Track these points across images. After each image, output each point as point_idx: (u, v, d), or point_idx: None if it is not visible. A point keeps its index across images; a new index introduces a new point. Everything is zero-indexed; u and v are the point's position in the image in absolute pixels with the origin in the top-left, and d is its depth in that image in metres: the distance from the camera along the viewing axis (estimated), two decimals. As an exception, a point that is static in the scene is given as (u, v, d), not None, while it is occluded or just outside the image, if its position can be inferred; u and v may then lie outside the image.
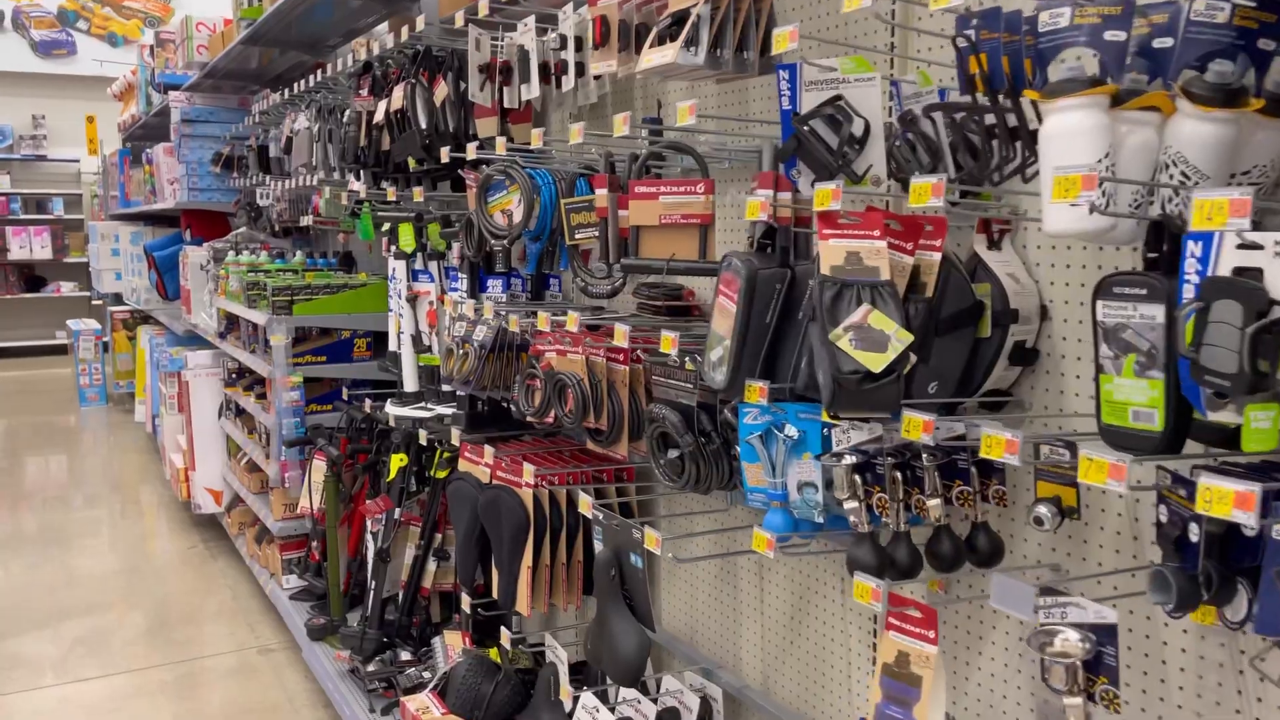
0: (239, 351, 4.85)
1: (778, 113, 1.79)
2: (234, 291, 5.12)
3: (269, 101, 5.37)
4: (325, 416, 4.37)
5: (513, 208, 2.82)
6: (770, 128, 2.29)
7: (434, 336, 3.45)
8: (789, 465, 1.79)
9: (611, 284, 2.69)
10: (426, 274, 3.44)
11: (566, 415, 2.48)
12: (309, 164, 4.74)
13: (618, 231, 2.23)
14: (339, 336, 4.38)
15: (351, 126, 3.72)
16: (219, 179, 6.80)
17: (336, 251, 5.55)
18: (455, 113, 3.25)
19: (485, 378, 2.85)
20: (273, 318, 4.22)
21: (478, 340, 2.88)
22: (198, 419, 5.55)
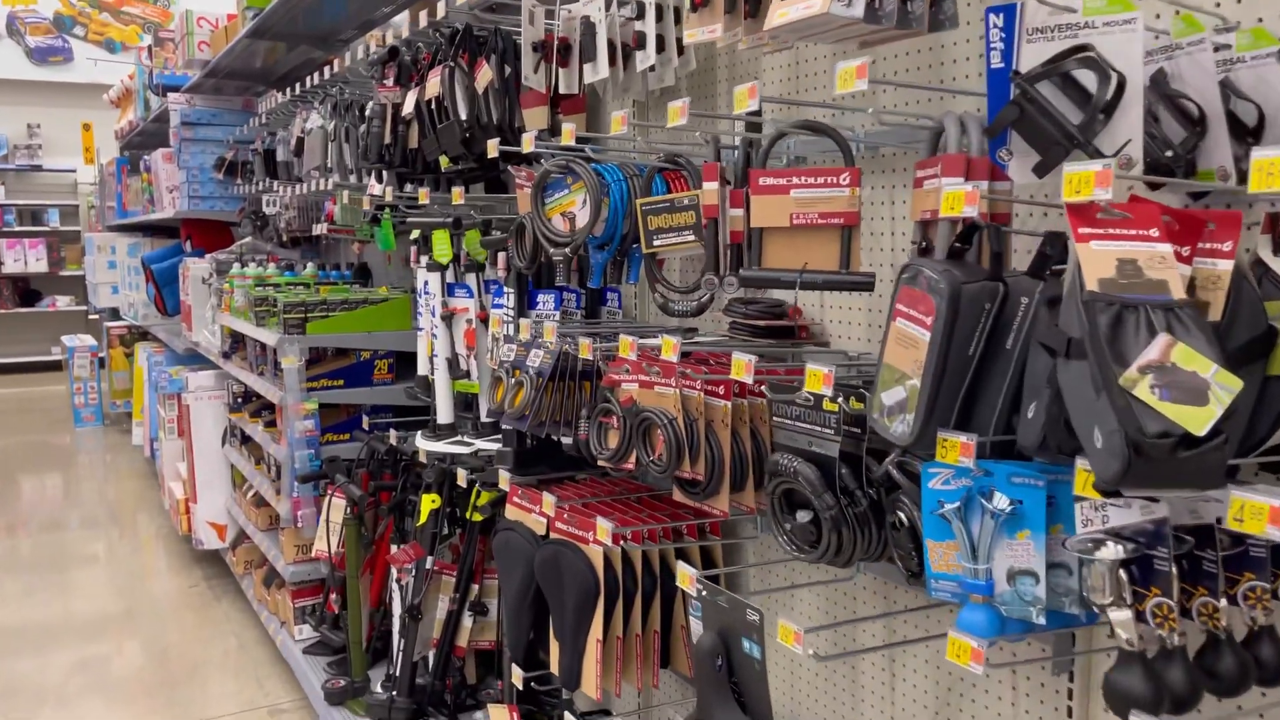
0: (245, 374, 4.39)
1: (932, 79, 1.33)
2: (239, 307, 4.67)
3: (276, 100, 4.93)
4: (343, 447, 3.91)
5: (575, 210, 2.37)
6: (916, 103, 1.84)
7: (473, 360, 2.99)
8: (996, 546, 1.34)
9: (698, 299, 2.24)
10: (464, 288, 2.99)
11: (654, 462, 2.02)
12: (323, 166, 4.30)
13: (728, 235, 1.78)
14: (358, 358, 3.92)
15: (375, 121, 3.28)
16: (222, 186, 6.35)
17: (351, 263, 5.10)
18: (500, 101, 2.81)
19: (543, 412, 2.40)
20: (284, 337, 3.77)
21: (533, 367, 2.43)
22: (200, 446, 5.09)
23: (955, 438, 1.31)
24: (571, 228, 2.37)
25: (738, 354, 1.65)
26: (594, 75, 2.39)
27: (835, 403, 1.63)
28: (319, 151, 4.28)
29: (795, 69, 2.19)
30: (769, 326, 2.12)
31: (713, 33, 1.88)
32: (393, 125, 3.27)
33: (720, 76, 2.46)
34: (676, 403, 1.96)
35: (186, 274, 5.67)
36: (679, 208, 2.22)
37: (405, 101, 3.07)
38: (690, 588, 1.86)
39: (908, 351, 1.35)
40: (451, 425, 3.06)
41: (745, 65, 2.37)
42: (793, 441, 1.73)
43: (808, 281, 1.64)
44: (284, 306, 3.78)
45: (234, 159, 6.20)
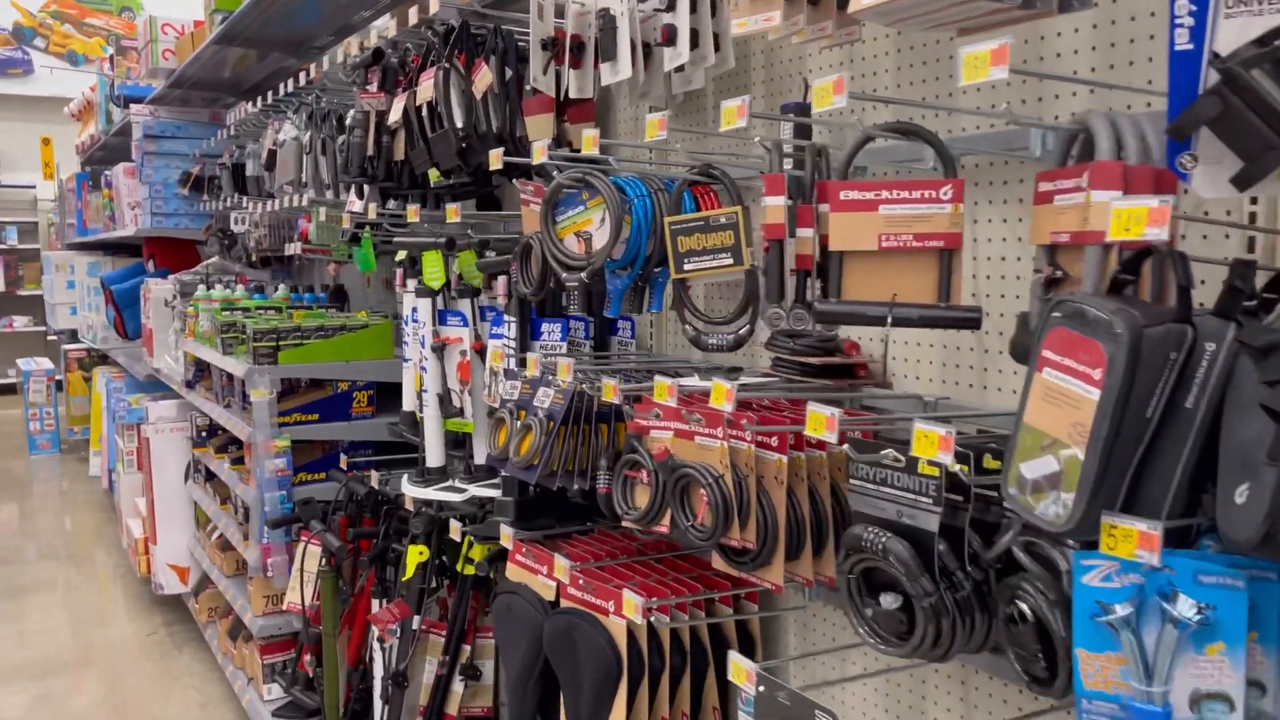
0: (210, 405, 4.04)
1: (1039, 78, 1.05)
2: (204, 333, 4.32)
3: (245, 111, 4.60)
4: (318, 488, 3.57)
5: (592, 229, 2.06)
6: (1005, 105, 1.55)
7: (467, 396, 2.68)
8: (1179, 663, 1.04)
9: (735, 332, 1.94)
10: (458, 316, 2.67)
11: (695, 527, 1.71)
12: (296, 181, 3.97)
13: (791, 259, 1.48)
14: (334, 389, 3.59)
15: (357, 131, 2.96)
16: (187, 202, 6.00)
17: (326, 285, 4.77)
18: (500, 108, 2.50)
19: (554, 460, 2.08)
20: (253, 367, 3.43)
21: (542, 409, 2.12)
22: (160, 482, 4.72)
23: (1131, 525, 1.01)
24: (587, 249, 2.07)
25: (816, 406, 1.35)
26: (613, 76, 2.09)
27: (935, 466, 1.33)
28: (292, 164, 3.96)
29: (851, 67, 1.90)
30: (823, 365, 1.83)
31: (769, 21, 1.59)
32: (376, 135, 2.96)
33: (755, 79, 2.17)
34: (724, 457, 1.65)
35: (148, 295, 5.31)
36: (715, 227, 1.93)
37: (391, 108, 2.76)
38: (747, 685, 1.55)
39: (1062, 412, 1.06)
40: (442, 469, 2.74)
41: (785, 65, 2.09)
42: (877, 510, 1.43)
43: (900, 317, 1.35)
44: (253, 334, 3.44)
45: (200, 174, 5.85)
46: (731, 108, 1.50)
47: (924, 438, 1.20)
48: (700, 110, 2.35)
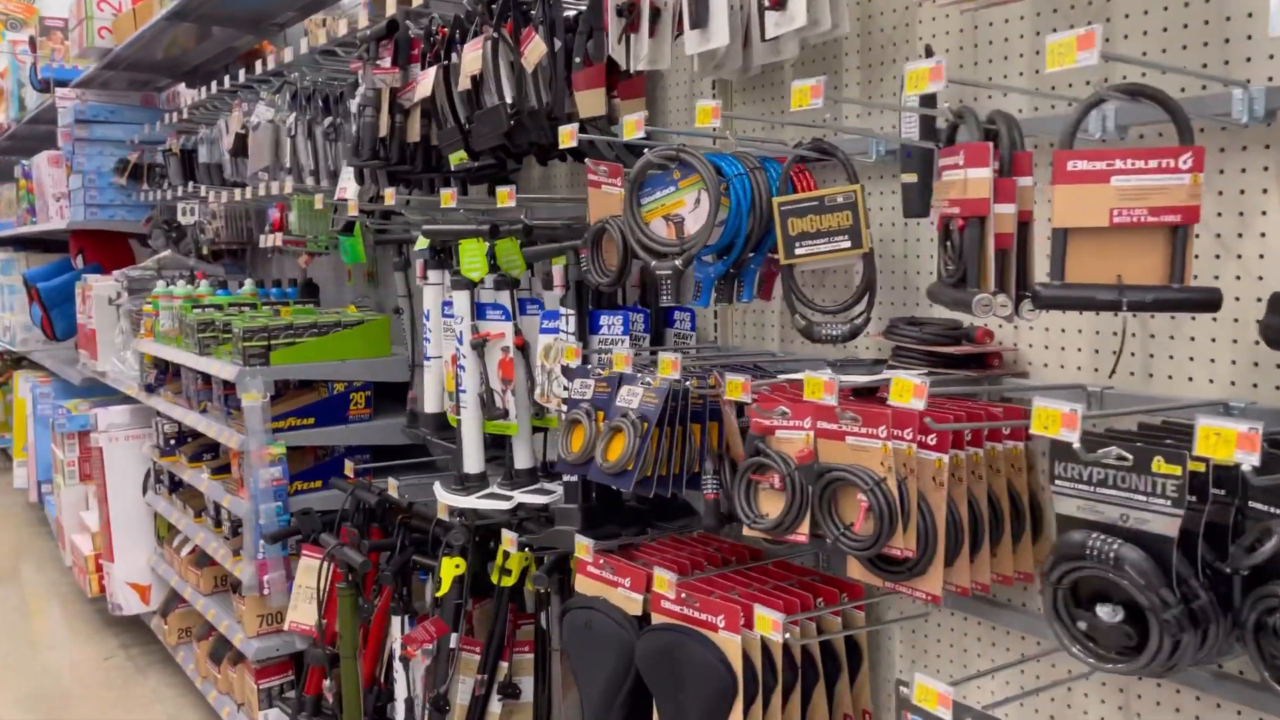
0: (182, 411, 3.74)
1: None
2: (167, 332, 4.00)
3: (203, 92, 4.27)
4: (315, 497, 3.32)
5: (684, 212, 1.90)
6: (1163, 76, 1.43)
7: (510, 396, 2.48)
8: None
9: (851, 321, 1.80)
10: (499, 309, 2.47)
11: (847, 535, 1.56)
12: (273, 167, 3.69)
13: (992, 239, 1.34)
14: (330, 391, 3.33)
15: (369, 110, 2.72)
16: (124, 192, 5.60)
17: (294, 279, 4.47)
18: (549, 82, 2.31)
19: (649, 465, 1.91)
20: (245, 369, 3.16)
21: (632, 409, 1.94)
22: (116, 495, 4.38)
23: None
24: (679, 234, 1.90)
25: (1045, 401, 1.21)
26: (703, 44, 1.92)
27: (1176, 465, 1.21)
28: (268, 149, 3.68)
29: (976, 34, 1.76)
30: (951, 355, 1.69)
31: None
32: (390, 115, 2.73)
33: (849, 48, 2.01)
34: (885, 459, 1.50)
35: (87, 294, 4.92)
36: (831, 207, 1.78)
37: (418, 84, 2.53)
38: (941, 710, 1.40)
39: None
40: (482, 475, 2.53)
41: (886, 33, 1.94)
42: (1095, 514, 1.30)
43: (1135, 301, 1.22)
44: (243, 333, 3.16)
45: (139, 161, 5.47)
46: (922, 70, 1.34)
47: (1214, 435, 1.07)
48: (770, 86, 2.19)
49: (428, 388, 2.79)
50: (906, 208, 1.79)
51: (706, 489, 1.88)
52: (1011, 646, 1.80)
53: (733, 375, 1.70)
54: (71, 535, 5.01)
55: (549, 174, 2.94)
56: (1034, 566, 1.67)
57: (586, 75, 2.33)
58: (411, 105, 2.76)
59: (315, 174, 3.49)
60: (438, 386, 2.78)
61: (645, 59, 2.04)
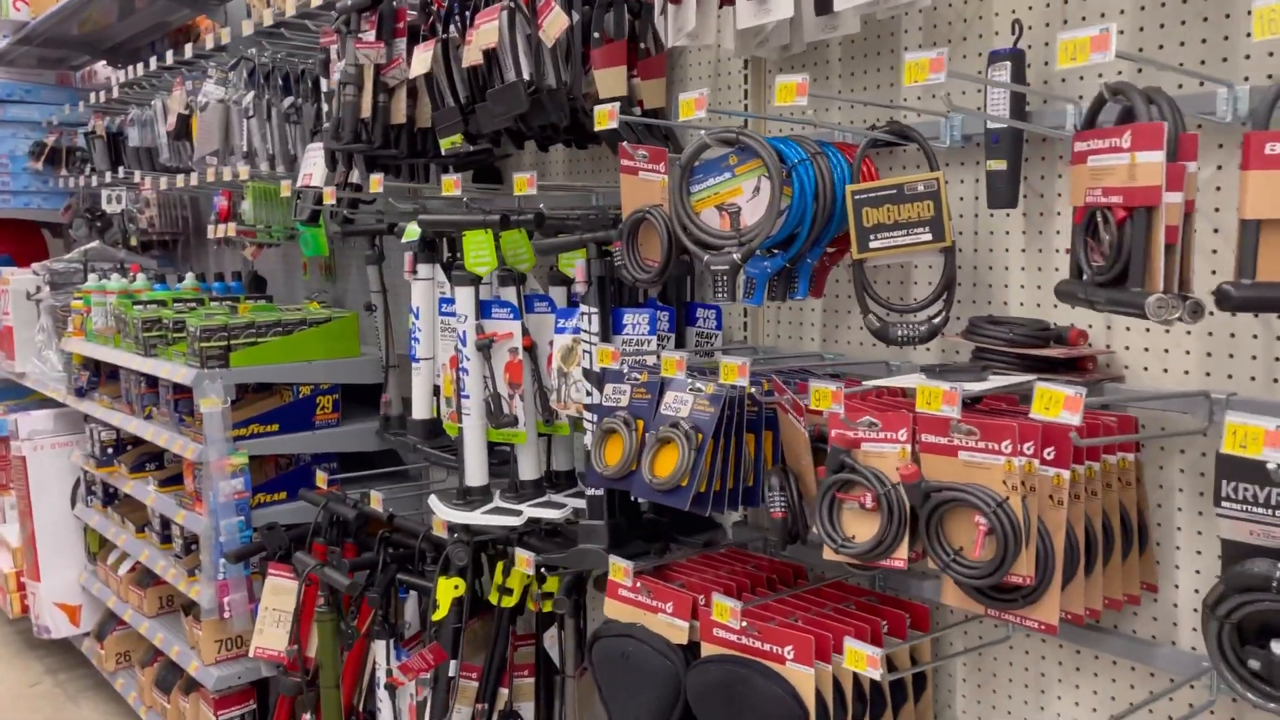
0: (124, 418, 3.41)
1: None
2: (101, 331, 3.67)
3: (136, 70, 3.93)
4: (278, 510, 3.05)
5: (741, 200, 1.72)
6: None
7: (518, 401, 2.27)
8: None
9: (929, 320, 1.66)
10: (505, 307, 2.26)
11: (960, 561, 1.40)
12: (223, 151, 3.40)
13: (1162, 231, 1.19)
14: (295, 394, 3.07)
15: (350, 88, 2.47)
16: (40, 178, 5.18)
17: (237, 272, 4.16)
18: (566, 58, 2.11)
19: (702, 480, 1.72)
20: (203, 372, 2.87)
21: (682, 418, 1.75)
22: (41, 507, 4.01)
23: None
24: (732, 224, 1.72)
25: (1242, 417, 1.06)
26: (761, 17, 1.74)
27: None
28: (217, 131, 3.39)
29: (1065, 9, 1.62)
30: (1050, 358, 1.55)
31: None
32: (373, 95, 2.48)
33: (909, 25, 1.86)
34: (1010, 478, 1.35)
35: (3, 288, 4.51)
36: (911, 196, 1.63)
37: (415, 57, 2.29)
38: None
39: None
40: (485, 488, 2.32)
41: (956, 7, 1.79)
42: (1272, 539, 1.16)
43: (1335, 303, 1.08)
44: (200, 332, 2.88)
45: (56, 145, 5.06)
46: (923, 60, 1.19)
47: None
48: (815, 65, 2.02)
49: (416, 391, 2.55)
50: (993, 197, 1.64)
51: (773, 507, 1.70)
52: (1100, 673, 1.67)
53: (818, 383, 1.53)
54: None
55: (544, 160, 2.73)
56: (1139, 588, 1.55)
57: (606, 52, 2.13)
58: (397, 83, 2.52)
59: (272, 159, 3.21)
60: (428, 390, 2.56)
61: (687, 33, 1.86)
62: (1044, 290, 1.71)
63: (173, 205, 4.47)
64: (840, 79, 1.99)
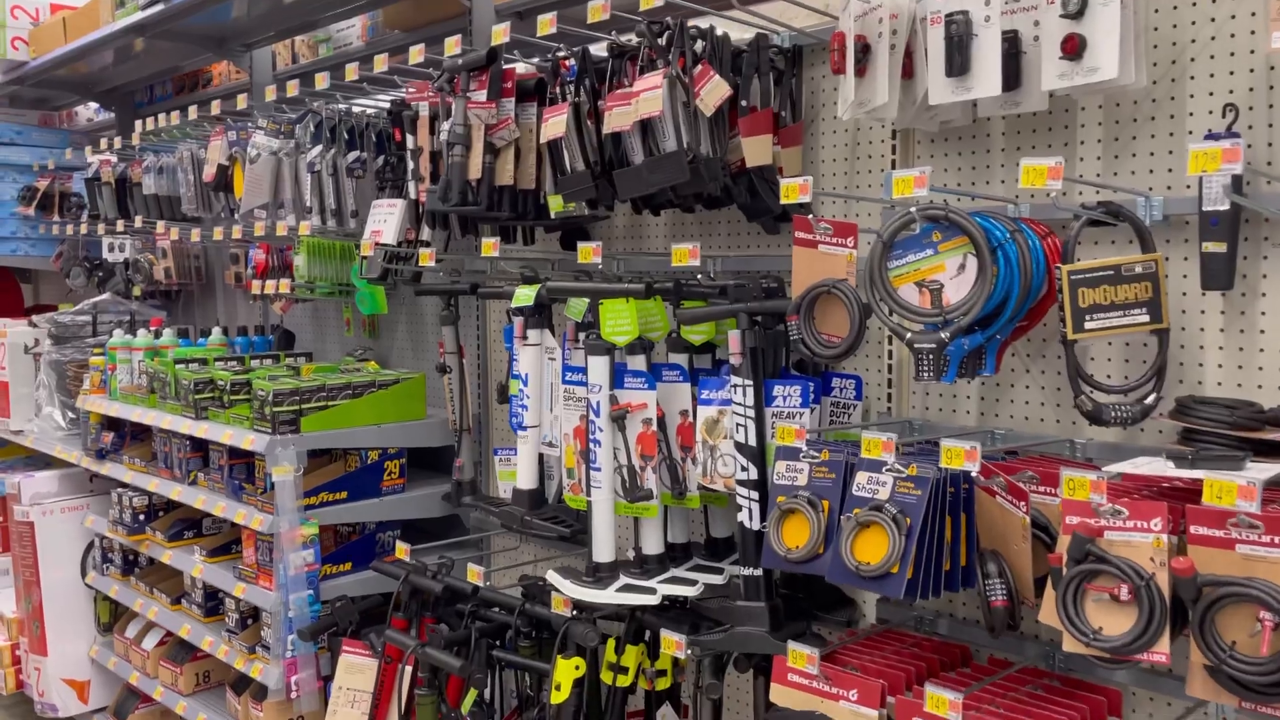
0: (165, 483, 3.23)
1: None
2: (127, 389, 3.49)
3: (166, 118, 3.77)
4: (345, 582, 2.90)
5: (944, 277, 1.69)
6: None
7: (649, 473, 2.19)
8: None
9: (1140, 400, 1.64)
10: (641, 376, 2.19)
11: (1237, 658, 1.37)
12: (272, 204, 3.28)
13: None
14: (363, 460, 2.93)
15: (458, 149, 2.39)
16: (27, 224, 4.94)
17: (260, 326, 4.00)
18: (716, 131, 2.07)
19: (911, 566, 1.67)
20: (275, 439, 2.73)
21: (883, 500, 1.70)
22: (50, 576, 3.77)
23: None
24: (933, 301, 1.69)
25: None
26: (958, 94, 1.72)
27: None
28: (266, 184, 3.26)
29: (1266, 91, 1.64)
30: (1271, 442, 1.55)
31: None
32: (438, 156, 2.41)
33: (1089, 100, 1.86)
34: (1299, 571, 1.33)
35: (1, 341, 4.27)
36: (1128, 277, 1.62)
37: (548, 121, 2.22)
38: None
39: None
40: (613, 564, 2.23)
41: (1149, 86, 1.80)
42: None
43: None
44: (273, 396, 2.74)
45: (49, 190, 4.84)
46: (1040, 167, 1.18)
47: None
48: (974, 139, 2.02)
49: (522, 462, 2.46)
50: (1208, 279, 1.64)
51: (993, 595, 1.66)
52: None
53: (1071, 472, 1.49)
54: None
55: (638, 224, 2.68)
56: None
57: (754, 120, 2.10)
58: (505, 144, 2.45)
59: (336, 213, 3.10)
60: (533, 460, 2.46)
61: (873, 107, 1.83)
62: (1245, 370, 1.71)
63: (185, 256, 4.29)
64: (1004, 153, 1.99)
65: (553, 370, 2.44)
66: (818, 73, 2.26)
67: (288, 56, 4.11)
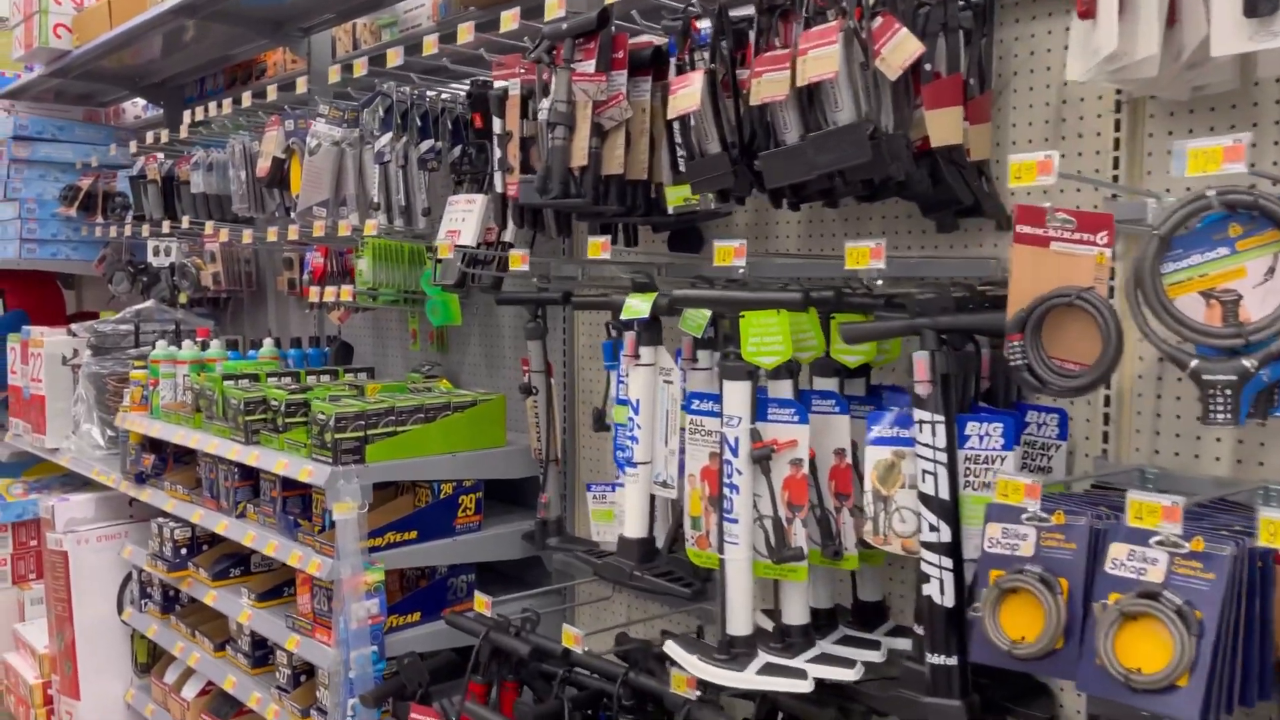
0: (211, 515, 2.86)
1: None
2: (170, 407, 3.13)
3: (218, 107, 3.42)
4: (412, 637, 2.51)
5: (1241, 285, 1.26)
6: None
7: (797, 526, 1.77)
8: None
9: None
10: (790, 407, 1.77)
11: None
12: (333, 201, 2.91)
13: None
14: (434, 495, 2.54)
15: (560, 130, 1.99)
16: (70, 225, 4.63)
17: (314, 337, 3.64)
18: (900, 100, 1.65)
19: (1204, 677, 1.24)
20: (337, 470, 2.35)
21: (1154, 584, 1.27)
22: (84, 610, 3.42)
23: None
24: (1226, 317, 1.26)
25: None
26: (1260, 40, 1.29)
27: None
28: (327, 179, 2.89)
29: None
30: None
31: None
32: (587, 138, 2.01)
33: None
34: None
35: (35, 350, 3.95)
36: None
37: (679, 92, 1.82)
38: None
39: None
40: (751, 638, 1.81)
41: None
42: None
43: None
44: (335, 421, 2.35)
45: (92, 189, 4.52)
46: None
47: None
48: (1234, 110, 1.58)
49: (630, 504, 2.05)
50: None
51: (1328, 720, 1.22)
52: None
53: None
54: (4, 655, 3.98)
55: (764, 222, 2.26)
56: None
57: (941, 89, 1.68)
58: (613, 126, 2.05)
59: (407, 211, 2.73)
60: (643, 503, 2.06)
61: (1103, 60, 1.40)
62: None
63: (235, 260, 3.95)
64: (1276, 127, 1.55)
65: (669, 396, 2.04)
66: (1009, 33, 1.83)
67: (348, 42, 3.75)
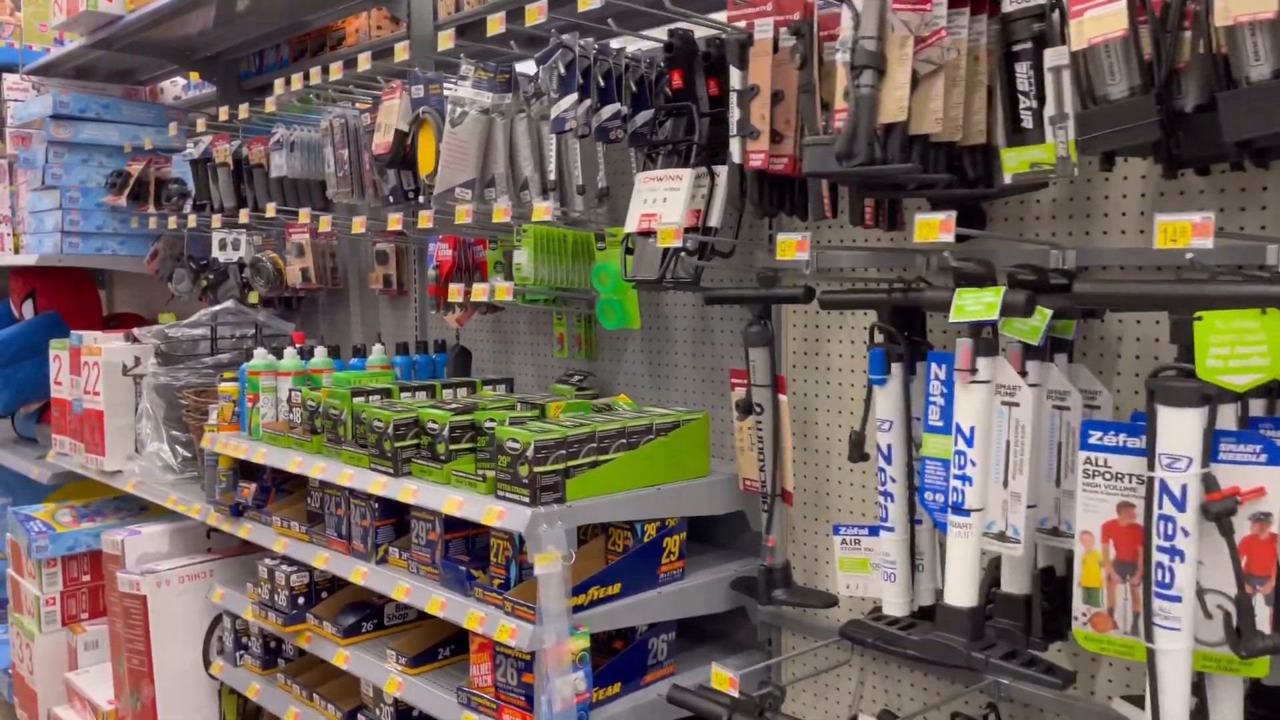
0: (343, 561, 2.38)
1: None
2: (276, 426, 2.65)
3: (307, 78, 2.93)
4: (614, 713, 2.03)
5: None
6: None
7: (1260, 604, 1.30)
8: None
9: None
10: (1259, 443, 1.30)
11: None
12: (479, 181, 2.43)
13: None
14: (636, 537, 2.07)
15: (868, 76, 1.52)
16: (116, 216, 4.12)
17: (422, 342, 3.16)
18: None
19: None
20: (538, 512, 1.87)
21: None
22: (167, 663, 2.93)
23: None
24: None
25: None
26: None
27: None
28: (474, 154, 2.42)
29: None
30: None
31: None
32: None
33: None
34: None
35: (90, 358, 3.45)
36: None
37: (1082, 18, 1.34)
38: None
39: None
40: (1183, 752, 1.34)
41: None
42: None
43: None
44: (534, 453, 1.87)
45: (142, 175, 4.01)
46: None
47: None
48: None
49: (959, 564, 1.59)
50: None
51: None
52: None
53: None
54: (53, 708, 3.47)
55: (1079, 194, 1.80)
56: None
57: None
58: (930, 72, 1.58)
59: (584, 191, 2.25)
60: (974, 561, 1.59)
61: None
62: None
63: (323, 254, 3.45)
64: None
65: (1014, 422, 1.57)
66: None
67: (450, 4, 3.27)
